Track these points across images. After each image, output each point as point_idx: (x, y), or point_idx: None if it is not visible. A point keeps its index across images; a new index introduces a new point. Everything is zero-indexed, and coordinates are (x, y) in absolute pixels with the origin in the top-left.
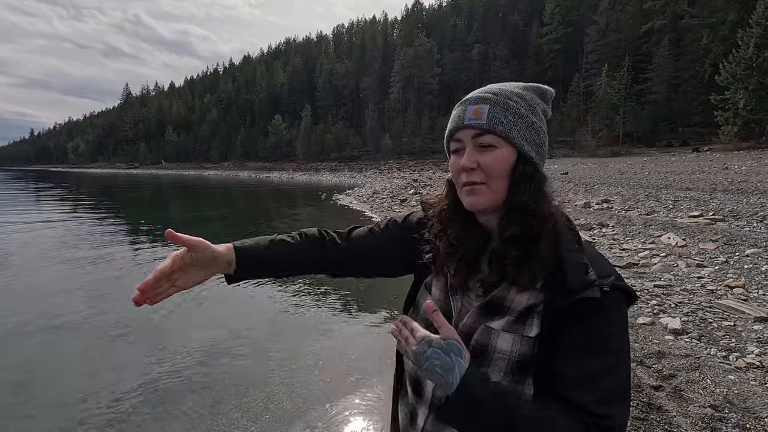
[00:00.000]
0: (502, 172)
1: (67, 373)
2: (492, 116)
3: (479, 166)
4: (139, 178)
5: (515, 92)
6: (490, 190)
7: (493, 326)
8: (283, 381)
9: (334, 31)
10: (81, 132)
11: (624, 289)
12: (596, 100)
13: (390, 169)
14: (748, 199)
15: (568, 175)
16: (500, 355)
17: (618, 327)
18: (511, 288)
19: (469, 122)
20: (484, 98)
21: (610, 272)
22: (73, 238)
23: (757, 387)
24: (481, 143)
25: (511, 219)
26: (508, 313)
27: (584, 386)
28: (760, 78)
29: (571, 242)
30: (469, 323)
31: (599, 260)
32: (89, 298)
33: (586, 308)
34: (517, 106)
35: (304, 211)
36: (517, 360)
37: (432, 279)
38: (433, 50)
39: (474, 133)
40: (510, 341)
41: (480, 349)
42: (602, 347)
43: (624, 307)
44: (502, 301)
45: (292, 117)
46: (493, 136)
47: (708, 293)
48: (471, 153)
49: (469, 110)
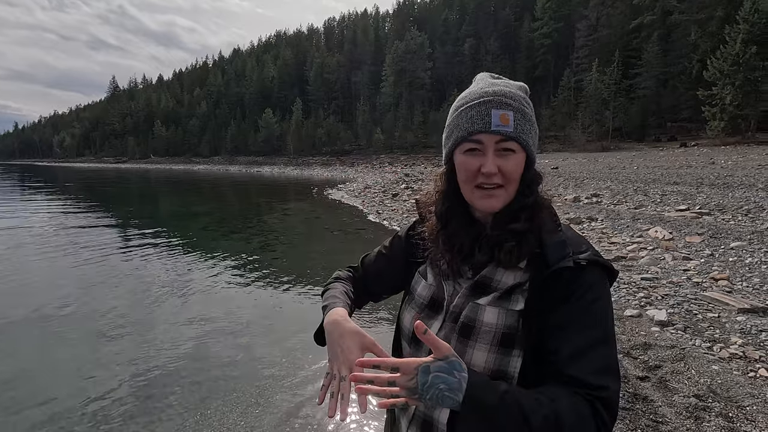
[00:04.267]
0: (518, 176)
1: (55, 369)
2: (518, 124)
3: (499, 171)
4: (127, 173)
5: (522, 96)
6: (506, 193)
7: (480, 302)
8: (273, 375)
9: (326, 24)
10: (67, 126)
11: (602, 264)
12: (586, 95)
13: (382, 163)
14: (733, 194)
15: (559, 170)
16: (486, 328)
17: (603, 300)
18: (497, 269)
19: (496, 128)
20: (507, 104)
21: (587, 249)
22: (59, 235)
23: (740, 377)
24: (504, 148)
25: (521, 216)
26: (494, 291)
27: (579, 360)
28: (746, 74)
29: (552, 225)
30: (459, 303)
31: (577, 239)
32: (77, 294)
33: (566, 282)
34: (530, 113)
35: (295, 207)
36: (503, 332)
37: (426, 267)
38: (424, 44)
39: (499, 138)
40: (495, 314)
41: (468, 324)
42: (591, 321)
43: (606, 281)
44: (489, 281)
45: (282, 111)
46: (515, 143)
47: (694, 285)
48: (494, 158)
49: (494, 115)
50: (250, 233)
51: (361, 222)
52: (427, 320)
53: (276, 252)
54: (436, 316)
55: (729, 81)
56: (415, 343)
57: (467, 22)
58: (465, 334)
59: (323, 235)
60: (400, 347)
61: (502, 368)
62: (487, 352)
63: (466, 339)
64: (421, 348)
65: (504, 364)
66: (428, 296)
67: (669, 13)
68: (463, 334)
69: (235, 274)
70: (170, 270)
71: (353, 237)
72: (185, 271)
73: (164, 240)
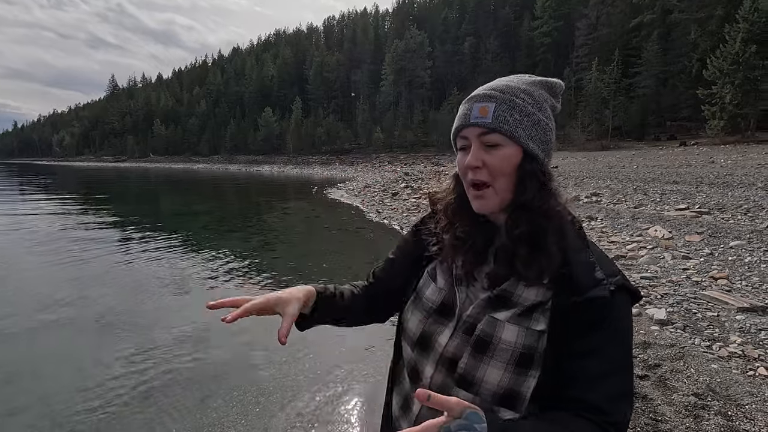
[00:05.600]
0: (508, 171)
1: (55, 369)
2: (498, 115)
3: (485, 165)
4: (127, 172)
5: (522, 88)
6: (496, 193)
7: (498, 317)
8: (272, 374)
9: (325, 23)
10: (66, 124)
11: (630, 289)
12: (586, 94)
13: (381, 162)
14: (733, 193)
15: (558, 169)
16: (504, 345)
17: (627, 326)
18: (518, 283)
19: (474, 120)
20: (490, 96)
21: (616, 272)
22: (58, 234)
23: (739, 375)
24: (487, 142)
25: (519, 217)
26: (515, 306)
27: (599, 386)
28: (746, 73)
29: (577, 241)
30: (474, 314)
31: (605, 260)
32: (76, 293)
33: (597, 308)
34: (523, 104)
35: (295, 206)
36: (521, 352)
37: (436, 269)
38: (424, 43)
39: (480, 131)
40: (515, 333)
41: (484, 339)
42: (617, 348)
43: (630, 305)
44: (510, 296)
45: (282, 110)
46: (498, 135)
47: (693, 284)
48: (477, 151)
49: (475, 108)
50: (250, 232)
51: (361, 221)
52: (436, 326)
53: (276, 251)
54: (447, 323)
55: (729, 80)
56: (419, 347)
57: (467, 20)
58: (480, 350)
59: (323, 235)
60: (401, 348)
61: (515, 388)
62: (502, 371)
63: (481, 354)
64: (425, 353)
65: (518, 384)
66: (438, 301)
67: (669, 11)
68: (479, 350)
69: (235, 273)
70: (170, 269)
71: (353, 236)
72: (185, 270)
73: (164, 239)
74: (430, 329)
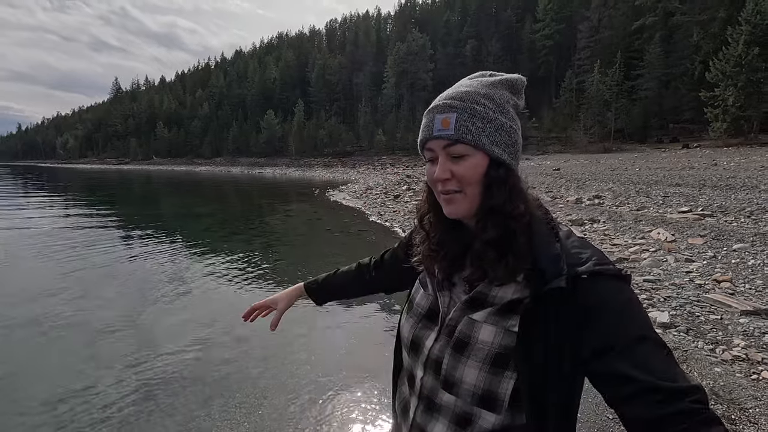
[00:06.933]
0: (475, 179)
1: (56, 370)
2: (460, 125)
3: (453, 176)
4: (129, 174)
5: (482, 93)
6: (466, 198)
7: (475, 318)
8: (275, 376)
9: (327, 26)
10: (70, 127)
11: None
12: (588, 97)
13: (383, 164)
14: (736, 195)
15: (560, 171)
16: (481, 345)
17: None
18: (491, 284)
19: (437, 133)
20: (450, 106)
21: (586, 260)
22: (61, 235)
23: (743, 379)
24: (453, 153)
25: (488, 222)
26: (490, 306)
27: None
28: (749, 75)
29: (547, 235)
30: (455, 316)
31: (576, 249)
32: (79, 294)
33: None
34: (484, 110)
35: (297, 208)
36: (497, 352)
37: (425, 277)
38: (426, 46)
39: (444, 143)
40: (492, 333)
41: (463, 340)
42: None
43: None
44: (485, 297)
45: (284, 112)
46: (463, 146)
47: (696, 287)
48: (444, 163)
49: (437, 120)
50: (252, 234)
51: (363, 223)
52: (424, 331)
53: (278, 253)
54: (433, 327)
55: (731, 82)
56: (412, 352)
57: (469, 23)
58: (459, 350)
59: (325, 237)
60: (401, 355)
61: (492, 388)
62: (478, 370)
63: (459, 355)
64: (416, 357)
65: (494, 384)
66: (426, 306)
67: (671, 14)
68: (457, 350)
69: (237, 275)
70: (173, 271)
71: (355, 238)
72: (188, 272)
73: (167, 241)
74: (419, 334)
